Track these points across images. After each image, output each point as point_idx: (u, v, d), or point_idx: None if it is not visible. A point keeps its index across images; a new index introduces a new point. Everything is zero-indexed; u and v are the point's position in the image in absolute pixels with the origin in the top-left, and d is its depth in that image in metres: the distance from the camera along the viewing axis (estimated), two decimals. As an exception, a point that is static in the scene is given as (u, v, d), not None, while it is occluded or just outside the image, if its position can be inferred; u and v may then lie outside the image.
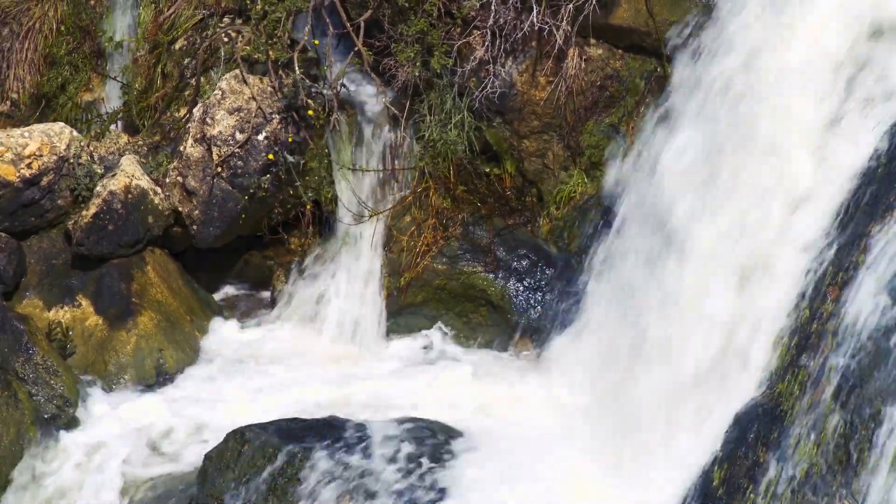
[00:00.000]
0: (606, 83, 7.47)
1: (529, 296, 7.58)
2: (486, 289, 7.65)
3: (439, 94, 7.57)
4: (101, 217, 7.54)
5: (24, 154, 7.60)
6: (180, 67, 8.45)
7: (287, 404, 6.98)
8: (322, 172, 7.85)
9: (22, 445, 6.64)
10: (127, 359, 7.34)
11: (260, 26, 7.74)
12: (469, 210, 7.77)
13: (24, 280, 7.66)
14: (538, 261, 7.63)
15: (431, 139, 7.63)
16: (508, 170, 7.80)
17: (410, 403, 6.99)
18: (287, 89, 7.65)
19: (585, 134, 7.52)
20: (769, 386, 5.49)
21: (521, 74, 7.54)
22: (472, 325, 7.72)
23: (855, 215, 5.42)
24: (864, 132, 5.62)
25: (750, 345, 5.70)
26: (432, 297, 7.74)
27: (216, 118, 7.66)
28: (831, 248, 5.46)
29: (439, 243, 7.71)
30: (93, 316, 7.49)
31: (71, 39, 8.66)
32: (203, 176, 7.71)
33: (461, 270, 7.68)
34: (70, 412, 6.93)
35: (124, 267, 7.63)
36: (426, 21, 7.44)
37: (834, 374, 5.05)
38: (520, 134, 7.68)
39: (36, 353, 6.99)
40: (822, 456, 4.95)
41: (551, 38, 7.34)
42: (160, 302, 7.61)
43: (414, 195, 7.80)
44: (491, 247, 7.69)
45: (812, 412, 5.08)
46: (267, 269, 8.28)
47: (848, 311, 5.11)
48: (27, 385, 6.90)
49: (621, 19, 7.32)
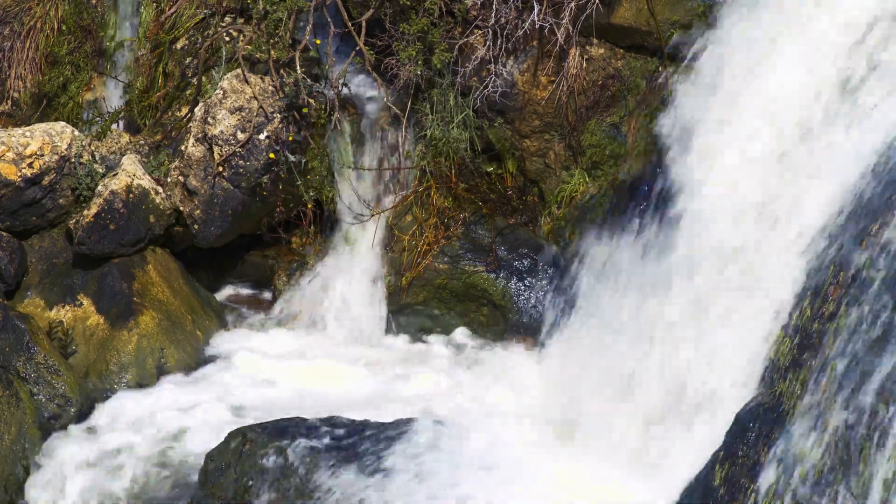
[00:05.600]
0: (608, 82, 7.47)
1: (531, 295, 7.58)
2: (488, 288, 7.66)
3: (441, 93, 7.58)
4: (103, 216, 7.54)
5: (26, 153, 7.60)
6: (182, 67, 8.46)
7: (288, 403, 6.99)
8: (323, 172, 7.85)
9: (23, 445, 6.65)
10: (128, 358, 7.34)
11: (261, 26, 7.74)
12: (470, 209, 7.77)
13: (26, 279, 7.66)
14: (539, 260, 7.63)
15: (433, 138, 7.64)
16: (510, 169, 7.81)
17: (411, 402, 6.99)
18: (288, 88, 7.66)
19: (587, 133, 7.52)
20: (770, 385, 5.49)
21: (523, 74, 7.55)
22: (474, 325, 7.72)
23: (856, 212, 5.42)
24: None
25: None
26: (434, 296, 7.74)
27: (217, 117, 7.66)
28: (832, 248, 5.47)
29: (441, 242, 7.71)
30: (94, 315, 7.50)
31: (72, 39, 8.66)
32: (204, 175, 7.71)
33: (462, 270, 7.69)
34: (71, 412, 6.93)
35: (125, 266, 7.64)
36: (427, 20, 7.45)
37: (835, 373, 5.05)
38: (521, 133, 7.68)
39: (37, 353, 6.99)
40: (822, 455, 4.95)
41: (552, 37, 7.34)
42: (161, 301, 7.61)
43: (415, 194, 7.80)
44: (492, 246, 7.69)
45: (813, 412, 5.08)
46: (268, 268, 8.29)
47: (849, 311, 5.11)
48: (28, 384, 6.90)
49: (622, 19, 7.31)
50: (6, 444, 6.61)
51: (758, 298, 5.76)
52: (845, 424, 4.89)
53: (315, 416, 6.65)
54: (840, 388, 4.98)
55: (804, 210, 5.69)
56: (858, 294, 5.12)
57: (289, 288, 8.05)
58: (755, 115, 6.22)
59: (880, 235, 5.14)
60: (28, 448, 6.67)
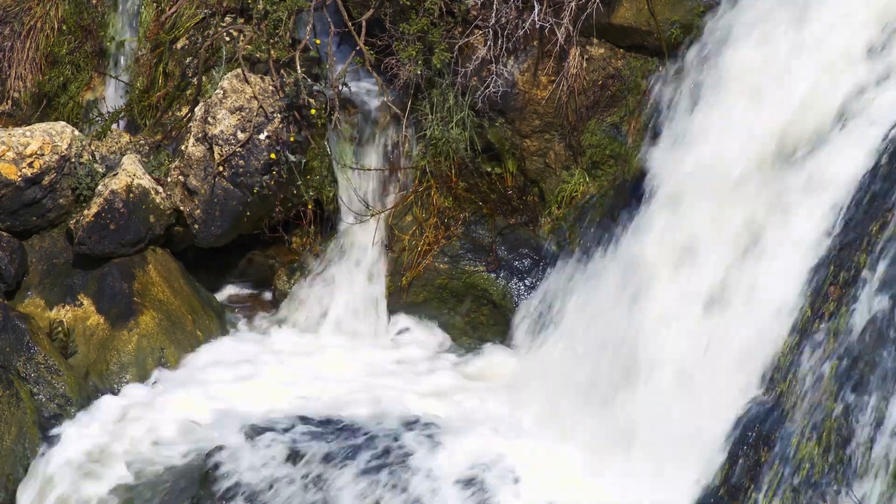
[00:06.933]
0: (608, 82, 7.47)
1: (531, 295, 7.58)
2: (488, 288, 7.66)
3: (441, 93, 7.58)
4: (103, 216, 7.55)
5: (26, 153, 7.61)
6: (182, 66, 8.46)
7: (288, 403, 6.99)
8: (323, 171, 7.86)
9: (23, 445, 6.65)
10: (129, 358, 7.35)
11: (261, 25, 7.75)
12: (471, 209, 7.77)
13: (26, 279, 7.67)
14: (539, 260, 7.64)
15: (433, 138, 7.64)
16: (510, 169, 7.80)
17: (412, 401, 6.99)
18: (289, 88, 7.66)
19: (587, 133, 7.52)
20: (770, 385, 5.50)
21: (523, 73, 7.55)
22: (474, 325, 7.73)
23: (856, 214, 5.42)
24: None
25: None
26: (434, 296, 7.74)
27: (218, 117, 7.66)
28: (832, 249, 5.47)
29: (441, 242, 7.72)
30: (94, 315, 7.50)
31: (72, 38, 8.66)
32: (204, 175, 7.72)
33: (463, 269, 7.69)
34: (72, 411, 6.94)
35: (126, 266, 7.64)
36: (427, 20, 7.45)
37: (835, 373, 5.05)
38: (521, 133, 7.68)
39: (37, 353, 7.00)
40: (823, 455, 4.95)
41: (553, 37, 7.35)
42: (162, 301, 7.61)
43: (415, 194, 7.80)
44: (492, 246, 7.69)
45: (813, 412, 5.09)
46: (268, 268, 8.29)
47: (849, 311, 5.12)
48: (29, 384, 6.91)
49: (623, 18, 7.32)
50: (6, 444, 6.61)
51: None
52: (845, 424, 4.89)
53: (315, 416, 6.67)
54: (840, 388, 4.99)
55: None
56: (858, 294, 5.13)
57: (289, 288, 8.05)
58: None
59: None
60: (28, 448, 6.68)
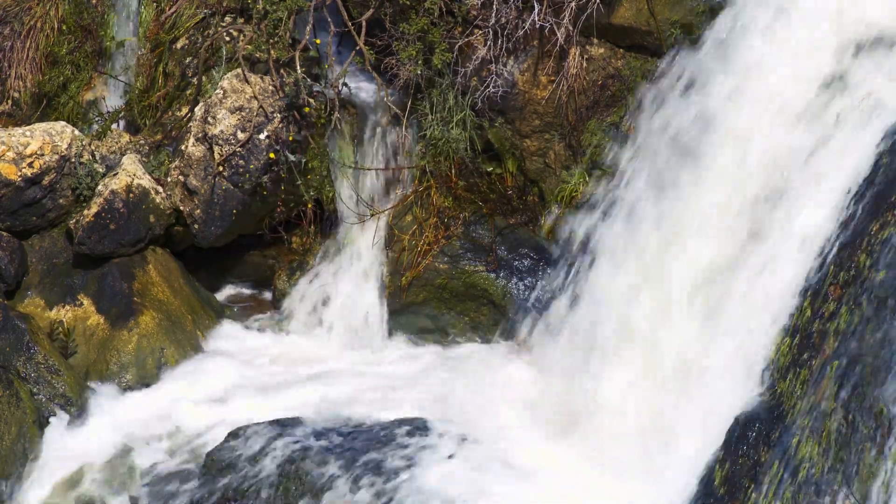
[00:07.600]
0: (608, 82, 7.47)
1: (531, 295, 7.58)
2: (488, 288, 7.66)
3: (441, 93, 7.58)
4: (103, 216, 7.55)
5: (26, 153, 7.61)
6: (182, 66, 8.46)
7: (288, 403, 6.99)
8: (323, 171, 7.86)
9: (23, 445, 6.65)
10: (128, 358, 7.35)
11: (261, 25, 7.75)
12: (470, 209, 7.77)
13: (26, 279, 7.67)
14: (539, 260, 7.64)
15: (433, 138, 7.64)
16: (510, 169, 7.81)
17: (412, 401, 6.99)
18: (288, 88, 7.66)
19: (587, 133, 7.53)
20: (771, 385, 5.50)
21: (523, 73, 7.55)
22: (474, 324, 7.73)
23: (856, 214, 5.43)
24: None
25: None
26: (434, 296, 7.74)
27: (217, 117, 7.66)
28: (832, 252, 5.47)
29: (441, 242, 7.72)
30: (94, 315, 7.50)
31: (72, 38, 8.66)
32: (204, 175, 7.72)
33: (463, 269, 7.69)
34: (72, 411, 6.94)
35: (126, 266, 7.64)
36: (427, 20, 7.45)
37: (835, 373, 5.05)
38: (521, 133, 7.68)
39: (38, 353, 7.00)
40: (823, 455, 4.95)
41: (553, 37, 7.35)
42: (162, 301, 7.61)
43: (415, 194, 7.80)
44: (492, 246, 7.69)
45: (813, 412, 5.09)
46: (268, 268, 8.29)
47: (850, 310, 5.12)
48: (29, 384, 6.91)
49: (622, 19, 7.32)
50: (6, 444, 6.61)
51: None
52: (845, 424, 4.89)
53: (315, 415, 6.67)
54: (840, 388, 4.99)
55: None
56: (858, 294, 5.13)
57: (289, 288, 8.05)
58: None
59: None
60: (28, 448, 6.68)
